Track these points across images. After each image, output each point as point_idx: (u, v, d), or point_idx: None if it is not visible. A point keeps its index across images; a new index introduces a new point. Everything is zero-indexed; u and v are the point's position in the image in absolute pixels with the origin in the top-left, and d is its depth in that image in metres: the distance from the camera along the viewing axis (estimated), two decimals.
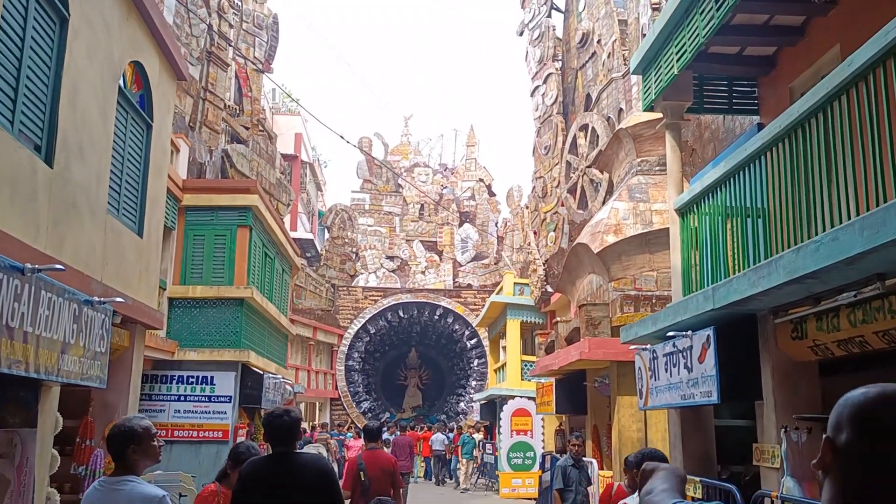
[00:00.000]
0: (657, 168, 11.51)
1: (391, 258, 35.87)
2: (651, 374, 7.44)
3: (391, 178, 38.16)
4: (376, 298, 33.27)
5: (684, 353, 6.51)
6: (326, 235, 36.19)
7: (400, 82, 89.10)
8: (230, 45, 15.40)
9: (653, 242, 10.72)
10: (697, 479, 6.53)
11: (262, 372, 12.39)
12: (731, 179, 6.56)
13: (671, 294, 10.52)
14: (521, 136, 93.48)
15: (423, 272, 35.56)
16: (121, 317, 6.63)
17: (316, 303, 31.68)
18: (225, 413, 11.62)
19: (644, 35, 15.50)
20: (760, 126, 8.71)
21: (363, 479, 6.87)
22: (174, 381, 11.70)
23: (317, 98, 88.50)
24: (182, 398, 11.65)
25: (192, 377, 11.73)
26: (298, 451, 4.07)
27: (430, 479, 23.01)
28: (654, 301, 10.34)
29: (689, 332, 6.36)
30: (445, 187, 38.25)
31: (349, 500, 6.79)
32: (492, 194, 38.31)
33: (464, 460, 20.01)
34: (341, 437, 21.85)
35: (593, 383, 11.43)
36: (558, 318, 12.92)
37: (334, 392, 31.22)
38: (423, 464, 22.69)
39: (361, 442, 18.57)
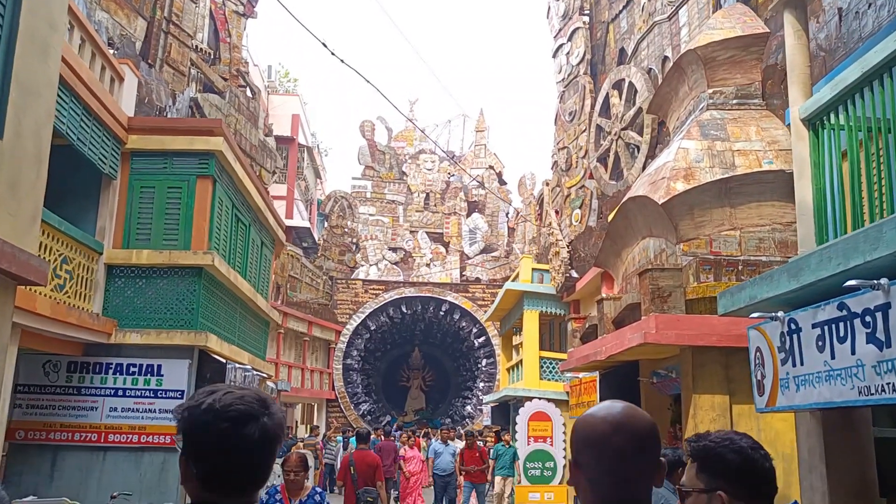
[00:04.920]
0: (734, 102, 8.91)
1: (394, 250, 33.54)
2: (785, 357, 4.82)
3: (395, 164, 35.74)
4: (377, 292, 30.83)
5: (870, 319, 3.91)
6: (325, 224, 33.75)
7: (406, 65, 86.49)
8: None
9: (735, 192, 8.12)
10: None
11: (224, 361, 9.80)
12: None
13: (766, 259, 7.94)
14: (535, 122, 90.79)
15: (427, 265, 33.18)
16: None
17: (312, 296, 29.20)
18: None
19: None
20: None
21: (352, 472, 8.85)
22: (110, 371, 9.12)
23: (316, 80, 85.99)
24: (120, 393, 9.08)
25: (134, 366, 9.16)
26: None
27: None
28: (739, 268, 7.73)
29: (885, 281, 3.77)
30: (453, 175, 35.82)
31: (343, 488, 9.18)
32: (502, 183, 35.89)
33: (498, 478, 14.70)
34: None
35: (649, 379, 8.81)
36: (603, 295, 10.33)
37: (331, 393, 28.76)
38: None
39: (418, 453, 15.41)
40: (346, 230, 33.32)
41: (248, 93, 15.31)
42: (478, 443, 14.40)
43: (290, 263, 27.42)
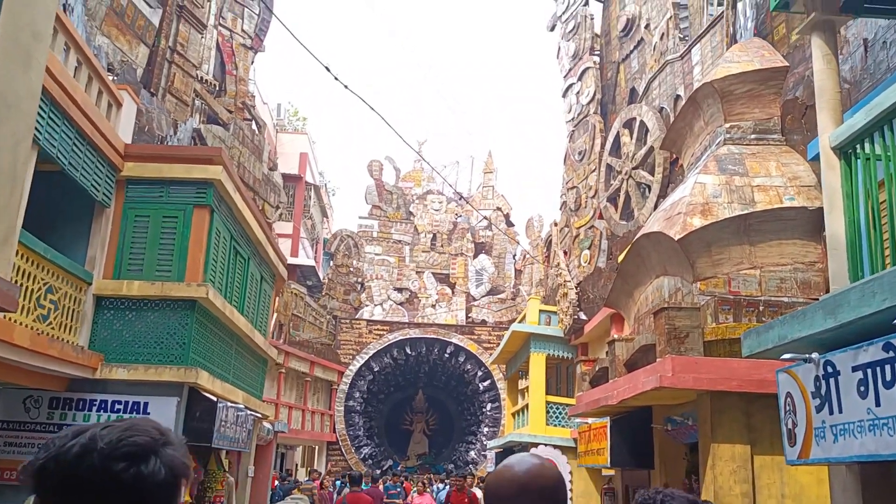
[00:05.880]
0: (753, 136, 8.56)
1: (399, 290, 33.16)
2: (820, 403, 4.36)
3: (402, 204, 35.58)
4: (381, 333, 30.34)
5: None
6: (330, 263, 33.44)
7: (413, 107, 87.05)
8: (209, 0, 12.72)
9: (755, 229, 7.72)
10: None
11: (215, 399, 9.33)
12: None
13: (788, 300, 7.49)
14: (543, 165, 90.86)
15: (433, 306, 32.74)
16: None
17: (315, 335, 28.73)
18: None
19: (710, 5, 12.77)
20: None
21: None
22: (94, 409, 8.66)
23: (325, 120, 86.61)
24: None
25: (119, 403, 8.70)
26: None
27: None
28: (761, 308, 7.28)
29: None
30: (460, 216, 35.61)
31: None
32: (510, 224, 35.62)
33: None
34: (398, 489, 17.54)
35: (664, 426, 8.30)
36: (614, 336, 9.86)
37: (332, 435, 28.07)
38: None
39: (431, 499, 14.81)
40: (351, 269, 33.00)
41: (254, 126, 15.09)
42: (469, 488, 13.46)
43: (293, 302, 27.01)
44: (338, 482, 19.11)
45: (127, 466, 1.05)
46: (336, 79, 8.37)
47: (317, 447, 28.53)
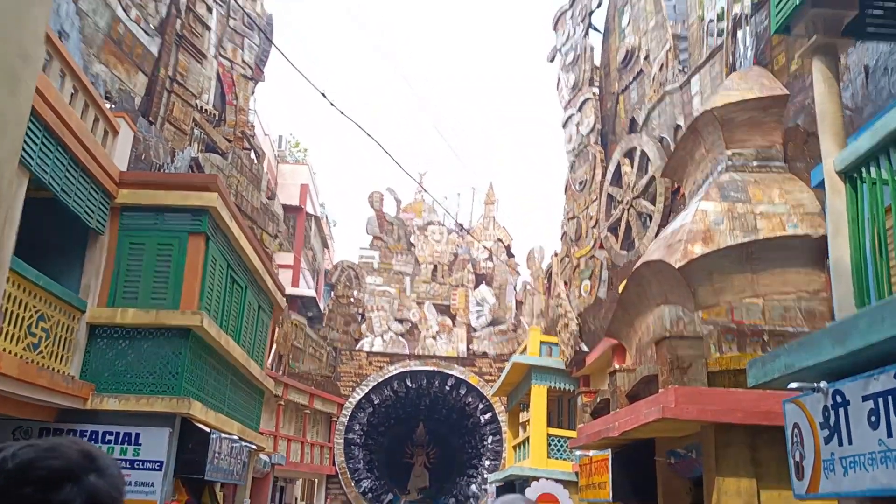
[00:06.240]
0: (755, 164, 8.48)
1: (400, 321, 33.02)
2: (829, 434, 4.20)
3: (403, 235, 35.56)
4: (382, 364, 30.06)
5: None
6: (331, 294, 33.32)
7: (413, 140, 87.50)
8: (208, 30, 12.77)
9: (757, 258, 7.59)
10: None
11: (209, 430, 9.13)
12: None
13: (793, 330, 7.33)
14: (545, 196, 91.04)
15: (433, 337, 32.56)
16: None
17: (315, 367, 28.47)
18: (152, 485, 8.33)
19: (710, 36, 12.79)
20: None
21: None
22: (85, 439, 8.47)
23: (327, 152, 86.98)
24: None
25: (111, 434, 8.51)
26: None
27: None
28: (765, 338, 7.12)
29: None
30: (461, 247, 35.56)
31: None
32: (511, 255, 35.54)
33: None
34: None
35: (666, 459, 8.09)
36: (616, 367, 9.66)
37: (331, 468, 27.64)
38: None
39: None
40: (352, 300, 32.88)
41: (252, 155, 15.07)
42: None
43: (293, 333, 26.81)
44: None
45: (34, 491, 0.93)
46: (332, 104, 8.33)
47: (316, 480, 28.11)
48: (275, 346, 23.65)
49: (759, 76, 8.91)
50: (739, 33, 11.00)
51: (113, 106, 10.07)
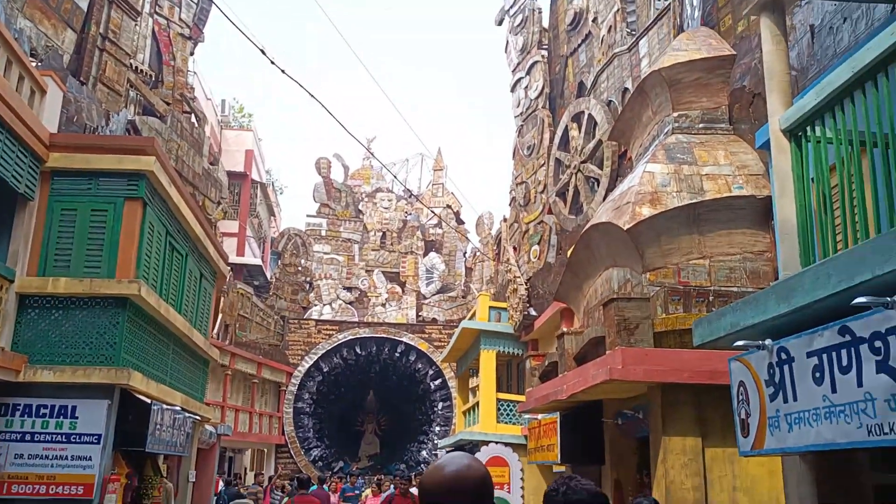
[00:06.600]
0: (701, 126, 8.49)
1: (349, 289, 32.73)
2: (774, 391, 4.22)
3: (351, 202, 35.11)
4: (331, 333, 29.83)
5: (880, 344, 3.33)
6: (278, 263, 32.81)
7: (362, 104, 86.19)
8: None
9: (704, 219, 7.64)
10: None
11: (150, 401, 8.86)
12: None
13: (737, 290, 7.41)
14: (494, 163, 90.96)
15: (383, 305, 32.40)
16: None
17: (263, 336, 28.07)
18: (89, 459, 8.06)
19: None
20: None
21: None
22: (17, 413, 8.14)
23: (273, 118, 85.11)
24: (28, 437, 8.09)
25: (45, 407, 8.19)
26: None
27: None
28: (710, 298, 7.19)
29: None
30: (410, 214, 35.31)
31: None
32: (460, 222, 35.44)
33: None
34: (355, 491, 17.74)
35: (614, 420, 8.16)
36: (563, 330, 9.70)
37: (281, 437, 27.46)
38: None
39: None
40: (299, 269, 32.43)
41: (193, 119, 14.53)
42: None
43: (239, 302, 26.32)
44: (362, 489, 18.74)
45: None
46: (273, 62, 8.00)
47: (265, 450, 27.92)
48: (220, 315, 23.21)
49: (707, 37, 8.90)
50: None
51: (39, 64, 9.53)
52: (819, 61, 6.74)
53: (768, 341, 4.27)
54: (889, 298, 3.25)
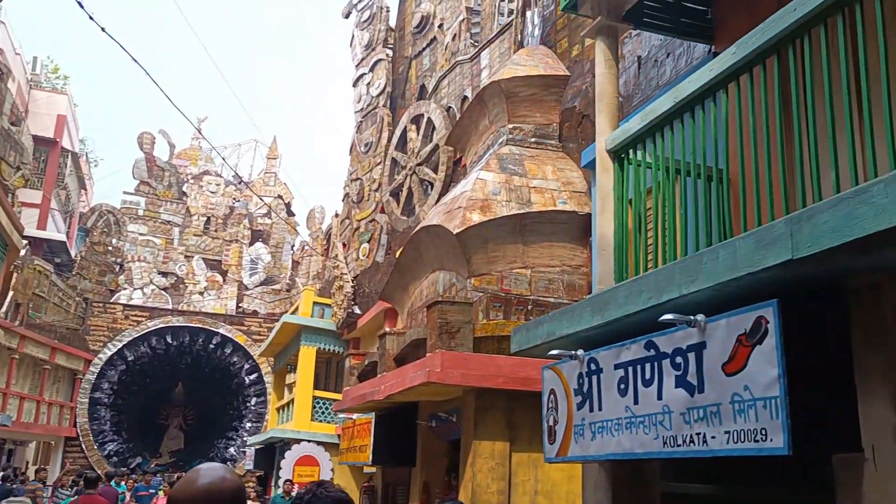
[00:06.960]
0: (533, 140, 8.75)
1: (164, 274, 30.96)
2: (582, 400, 4.34)
3: (174, 183, 33.17)
4: (140, 319, 27.98)
5: (681, 359, 3.50)
6: (85, 240, 30.28)
7: (195, 83, 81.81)
8: None
9: (529, 230, 7.85)
10: None
11: None
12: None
13: (554, 300, 7.67)
14: (331, 156, 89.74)
15: (201, 293, 30.92)
16: None
17: (60, 318, 25.69)
18: None
19: (500, 15, 13.07)
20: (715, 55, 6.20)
21: None
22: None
23: (93, 84, 78.86)
24: None
25: None
26: None
27: None
28: (529, 307, 7.39)
29: (701, 317, 3.37)
30: (238, 200, 33.94)
31: None
32: (291, 214, 34.60)
33: None
34: (150, 490, 16.50)
35: (428, 422, 8.19)
36: (386, 330, 9.61)
37: (72, 430, 25.29)
38: None
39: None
40: (109, 248, 30.17)
41: None
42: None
43: (35, 280, 23.84)
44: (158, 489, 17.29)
45: None
46: (91, 17, 7.25)
47: (53, 442, 25.59)
48: (12, 293, 20.97)
49: (545, 56, 9.20)
50: (528, 13, 11.32)
51: None
52: (643, 91, 7.14)
53: (580, 351, 4.39)
54: (693, 317, 3.42)
